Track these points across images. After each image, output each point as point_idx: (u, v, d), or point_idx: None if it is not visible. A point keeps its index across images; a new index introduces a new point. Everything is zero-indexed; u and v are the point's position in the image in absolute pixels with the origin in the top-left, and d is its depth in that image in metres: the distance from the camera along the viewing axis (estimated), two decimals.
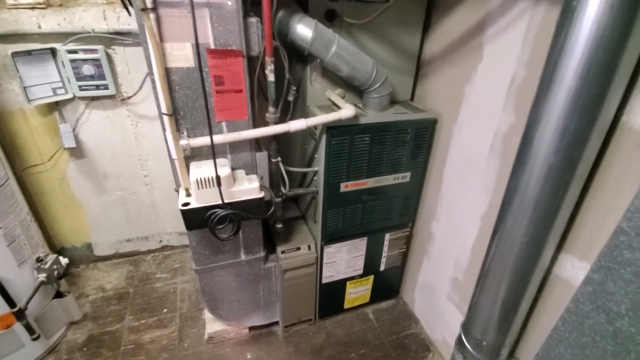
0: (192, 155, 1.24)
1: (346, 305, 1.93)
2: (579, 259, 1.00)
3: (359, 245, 1.73)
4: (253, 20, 1.12)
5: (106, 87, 1.77)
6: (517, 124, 1.16)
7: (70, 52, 1.64)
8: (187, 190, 1.25)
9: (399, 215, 1.71)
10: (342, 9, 1.31)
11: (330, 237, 1.63)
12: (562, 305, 1.05)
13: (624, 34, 0.73)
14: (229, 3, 1.06)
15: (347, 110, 1.28)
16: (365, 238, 1.71)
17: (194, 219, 1.22)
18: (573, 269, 1.02)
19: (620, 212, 0.86)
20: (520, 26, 1.09)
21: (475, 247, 1.44)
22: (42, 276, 1.58)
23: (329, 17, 1.31)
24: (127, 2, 1.01)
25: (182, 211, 1.18)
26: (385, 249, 1.80)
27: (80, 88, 1.73)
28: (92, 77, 1.73)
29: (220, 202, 1.21)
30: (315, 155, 1.47)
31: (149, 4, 0.97)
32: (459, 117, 1.42)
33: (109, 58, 1.73)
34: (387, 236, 1.76)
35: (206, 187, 1.18)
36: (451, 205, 1.56)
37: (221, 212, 1.21)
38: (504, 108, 1.20)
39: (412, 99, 1.66)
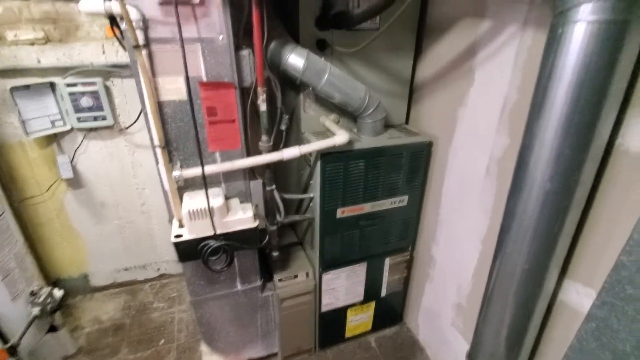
0: (185, 186, 1.24)
1: (347, 334, 1.87)
2: (583, 284, 0.97)
3: (359, 271, 1.68)
4: (245, 52, 1.14)
5: (104, 118, 1.79)
6: (512, 147, 1.14)
7: (69, 85, 1.67)
8: (180, 221, 1.23)
9: (398, 239, 1.67)
10: (333, 38, 1.33)
11: (329, 263, 1.60)
12: (570, 334, 1.00)
13: (612, 59, 0.72)
14: (220, 37, 1.08)
15: (340, 137, 1.28)
16: (365, 263, 1.67)
17: (186, 250, 1.20)
18: (578, 295, 0.98)
19: (620, 237, 0.83)
20: (510, 51, 1.10)
21: (477, 272, 1.40)
22: (35, 310, 1.55)
23: (320, 47, 1.33)
24: (121, 39, 1.03)
25: (175, 243, 1.17)
26: (385, 274, 1.75)
27: (79, 120, 1.74)
28: (90, 109, 1.75)
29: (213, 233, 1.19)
30: (311, 182, 1.46)
31: (140, 41, 0.99)
32: (453, 140, 1.42)
33: (107, 90, 1.76)
34: (387, 261, 1.72)
35: (199, 218, 1.17)
36: (451, 228, 1.53)
37: (214, 244, 1.19)
38: (498, 131, 1.19)
39: (407, 122, 1.66)
